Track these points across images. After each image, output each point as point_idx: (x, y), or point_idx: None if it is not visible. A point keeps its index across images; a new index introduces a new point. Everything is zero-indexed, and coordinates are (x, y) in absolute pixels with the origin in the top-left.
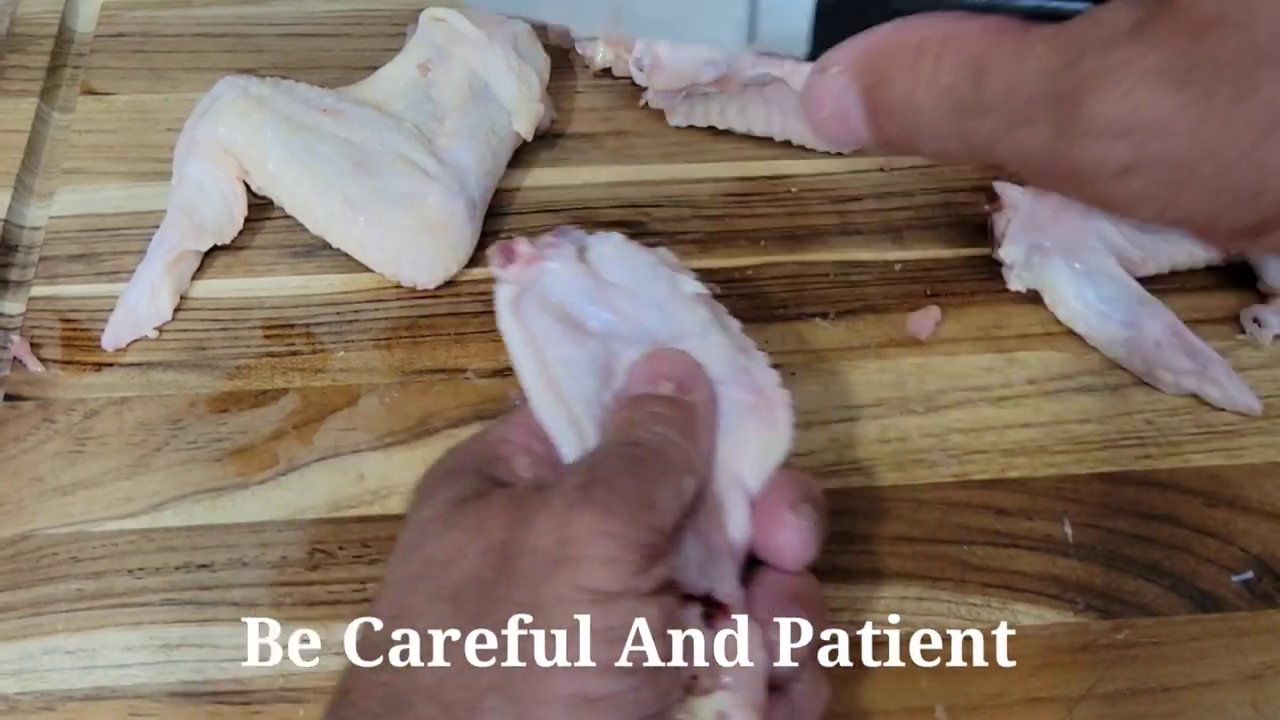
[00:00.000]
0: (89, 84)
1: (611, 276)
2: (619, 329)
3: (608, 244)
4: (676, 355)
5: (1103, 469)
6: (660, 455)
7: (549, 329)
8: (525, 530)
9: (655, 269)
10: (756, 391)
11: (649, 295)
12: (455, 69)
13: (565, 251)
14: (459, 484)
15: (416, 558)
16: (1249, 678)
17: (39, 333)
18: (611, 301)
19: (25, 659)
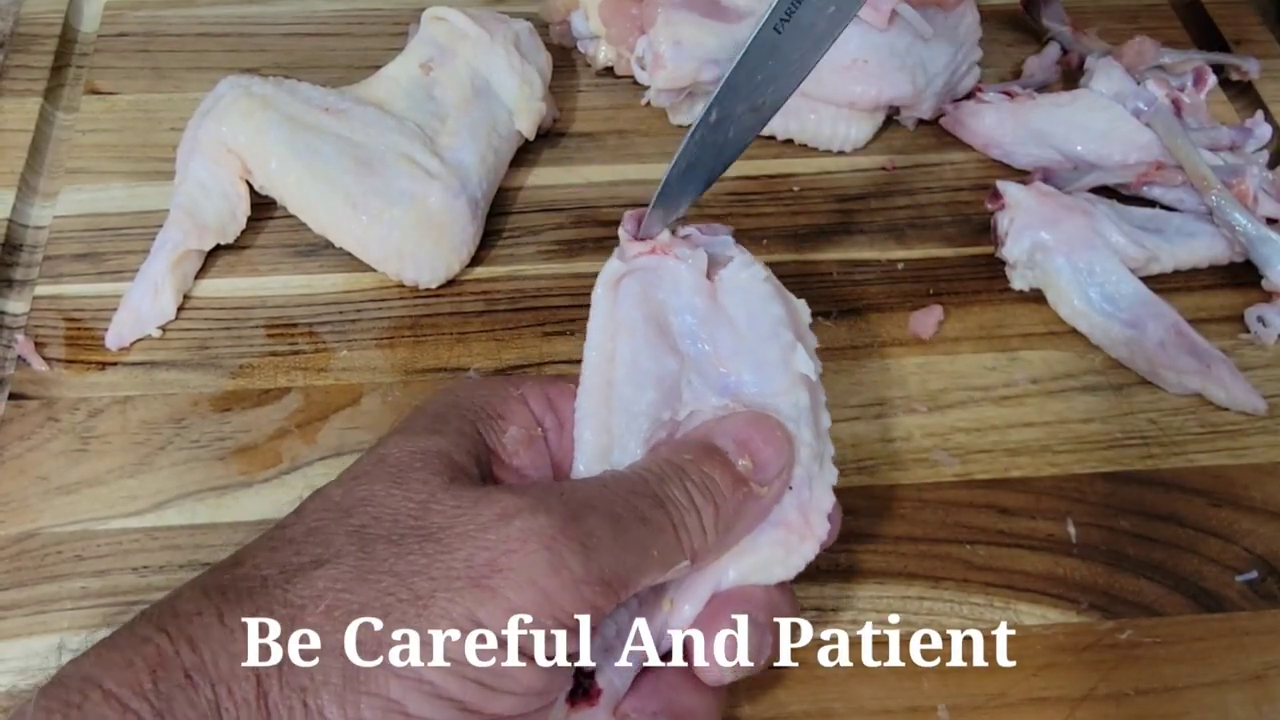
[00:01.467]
0: (93, 84)
1: (730, 306)
2: (705, 364)
3: (745, 271)
4: (782, 438)
5: (1106, 469)
6: (673, 530)
7: (635, 325)
8: (472, 515)
9: (778, 326)
10: (802, 511)
11: (756, 349)
12: (457, 68)
13: (697, 259)
14: (445, 429)
15: (359, 490)
16: (1252, 678)
17: (43, 332)
18: (715, 333)
19: (31, 656)
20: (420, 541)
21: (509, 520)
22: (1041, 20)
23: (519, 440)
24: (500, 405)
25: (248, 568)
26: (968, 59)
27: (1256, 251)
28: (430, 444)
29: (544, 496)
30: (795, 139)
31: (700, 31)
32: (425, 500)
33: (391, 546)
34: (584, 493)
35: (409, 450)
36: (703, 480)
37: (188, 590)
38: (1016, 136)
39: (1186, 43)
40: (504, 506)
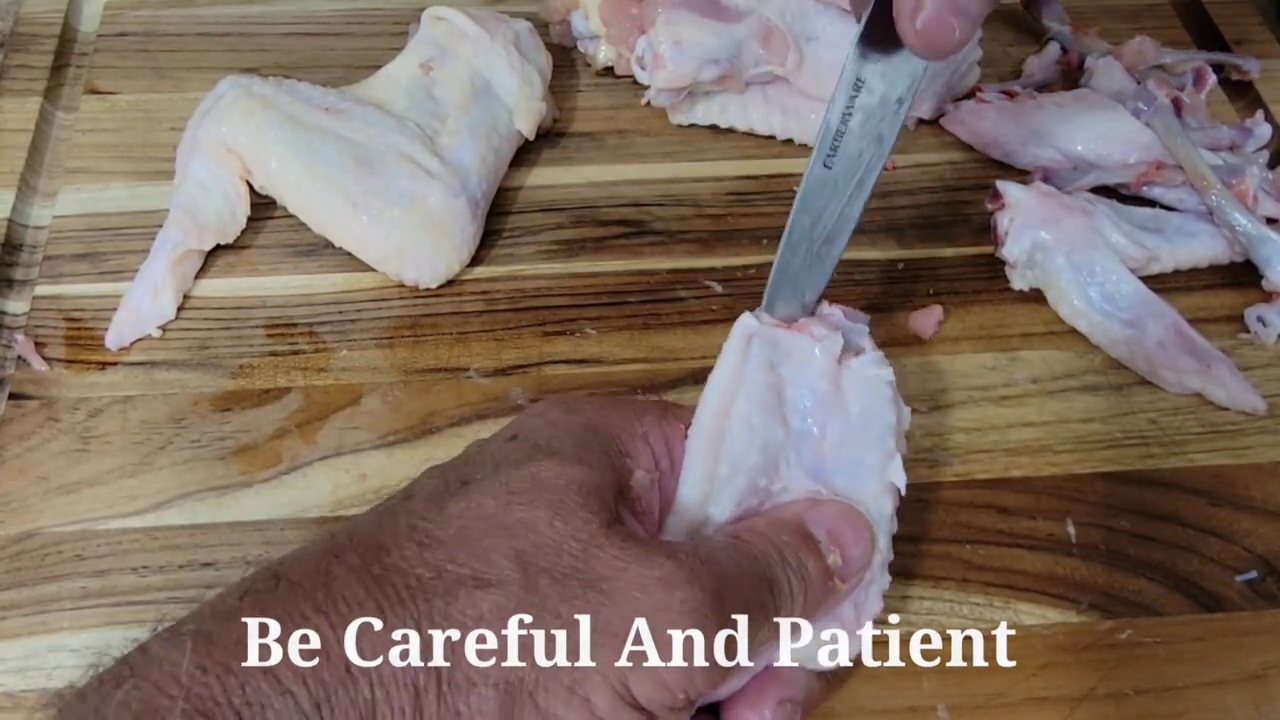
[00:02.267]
0: (92, 83)
1: (849, 398)
2: (806, 445)
3: (874, 370)
4: (870, 539)
5: (1106, 468)
6: (774, 613)
7: (756, 387)
8: (636, 572)
9: (886, 433)
10: (856, 610)
11: (860, 448)
12: (457, 68)
13: (832, 342)
14: (592, 460)
15: (517, 510)
16: (1252, 678)
17: (43, 332)
18: (827, 419)
19: (30, 656)
20: (584, 587)
21: (671, 590)
22: (1042, 20)
23: (644, 485)
24: (630, 441)
25: (396, 558)
26: (968, 58)
27: (1256, 251)
28: (585, 477)
29: (698, 567)
30: (795, 139)
31: (700, 31)
32: (587, 542)
33: (555, 584)
34: (723, 567)
35: (566, 479)
36: (799, 567)
37: (337, 568)
38: (1017, 136)
39: (1187, 43)
40: (665, 572)
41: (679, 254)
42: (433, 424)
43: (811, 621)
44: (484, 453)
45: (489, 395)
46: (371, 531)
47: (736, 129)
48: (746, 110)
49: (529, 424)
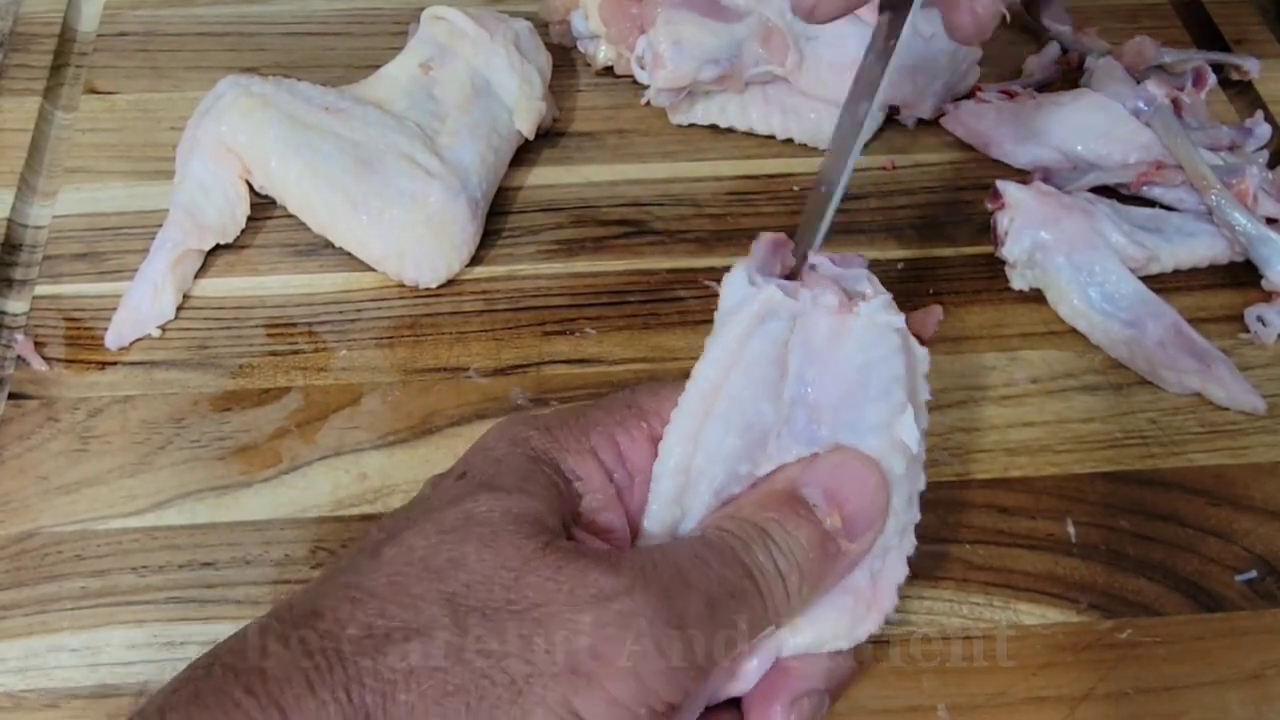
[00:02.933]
0: (92, 83)
1: (850, 351)
2: (799, 414)
3: (883, 316)
4: (876, 485)
5: (1106, 468)
6: (760, 600)
7: (756, 362)
8: (568, 592)
9: (893, 385)
10: (873, 579)
11: (861, 406)
12: (457, 67)
13: (827, 294)
14: (532, 488)
15: (446, 549)
16: (1252, 677)
17: (43, 331)
18: (823, 378)
19: (30, 656)
20: (515, 619)
21: (607, 603)
22: (1042, 20)
23: (596, 507)
24: (577, 462)
25: (329, 622)
26: (968, 58)
27: (1256, 251)
28: (522, 505)
29: (639, 575)
30: (795, 138)
31: (700, 31)
32: (519, 569)
33: (485, 621)
34: (676, 567)
35: (500, 509)
36: (787, 544)
37: (271, 643)
38: (1016, 136)
39: (1186, 42)
40: (601, 587)
41: (679, 254)
42: (432, 424)
43: (820, 595)
44: (434, 494)
45: (489, 395)
46: (312, 597)
47: (736, 129)
48: (746, 110)
49: (475, 459)
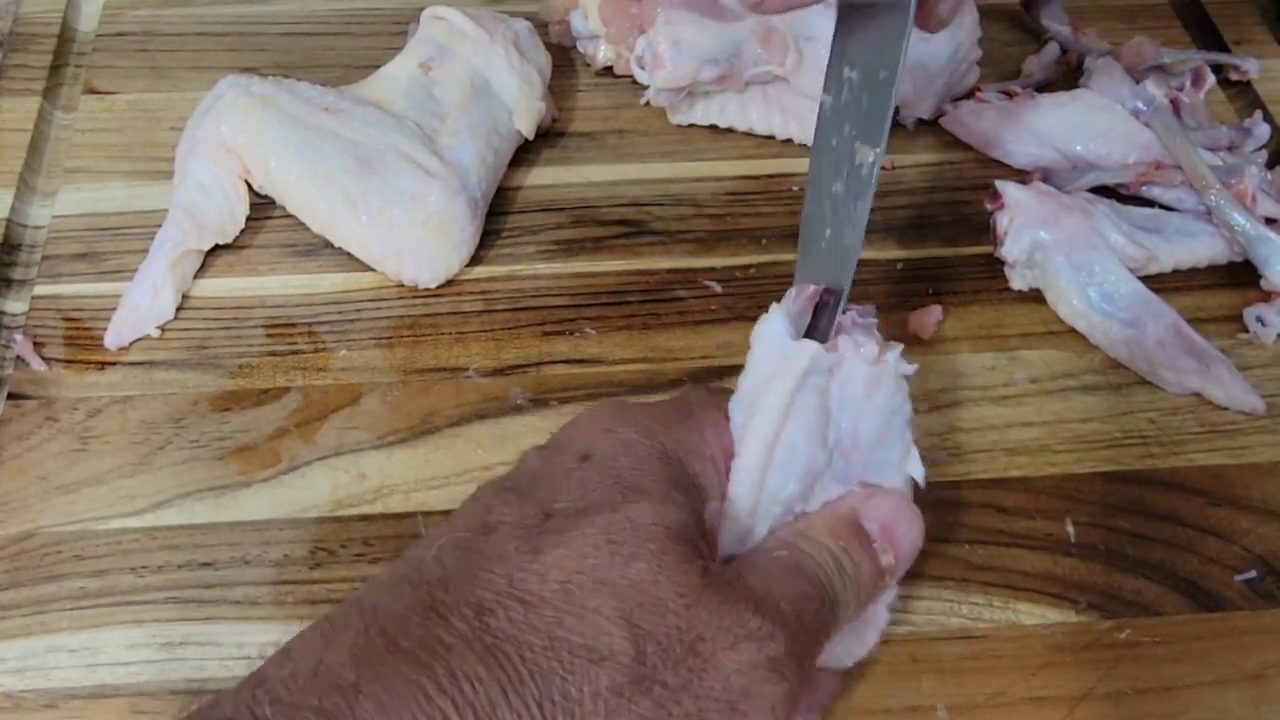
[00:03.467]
0: (91, 83)
1: (876, 400)
2: (839, 457)
3: (900, 366)
4: (919, 531)
5: (1105, 468)
6: (834, 626)
7: (806, 413)
8: (727, 628)
9: (905, 426)
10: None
11: (885, 446)
12: (457, 67)
13: (868, 349)
14: (678, 497)
15: (619, 564)
16: (1251, 677)
17: (42, 331)
18: (859, 425)
19: (29, 656)
20: (688, 653)
21: (760, 646)
22: (1041, 20)
23: (716, 515)
24: (701, 468)
25: (503, 621)
26: (967, 58)
27: (1255, 251)
28: (679, 520)
29: (778, 615)
30: (795, 139)
31: (700, 31)
32: (690, 599)
33: (661, 651)
34: (798, 605)
35: (663, 524)
36: (854, 573)
37: (448, 636)
38: (1016, 136)
39: (1186, 43)
40: (752, 628)
41: (678, 254)
42: (432, 424)
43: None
44: (554, 474)
45: (488, 395)
46: (464, 580)
47: (736, 129)
48: (746, 110)
49: (600, 443)
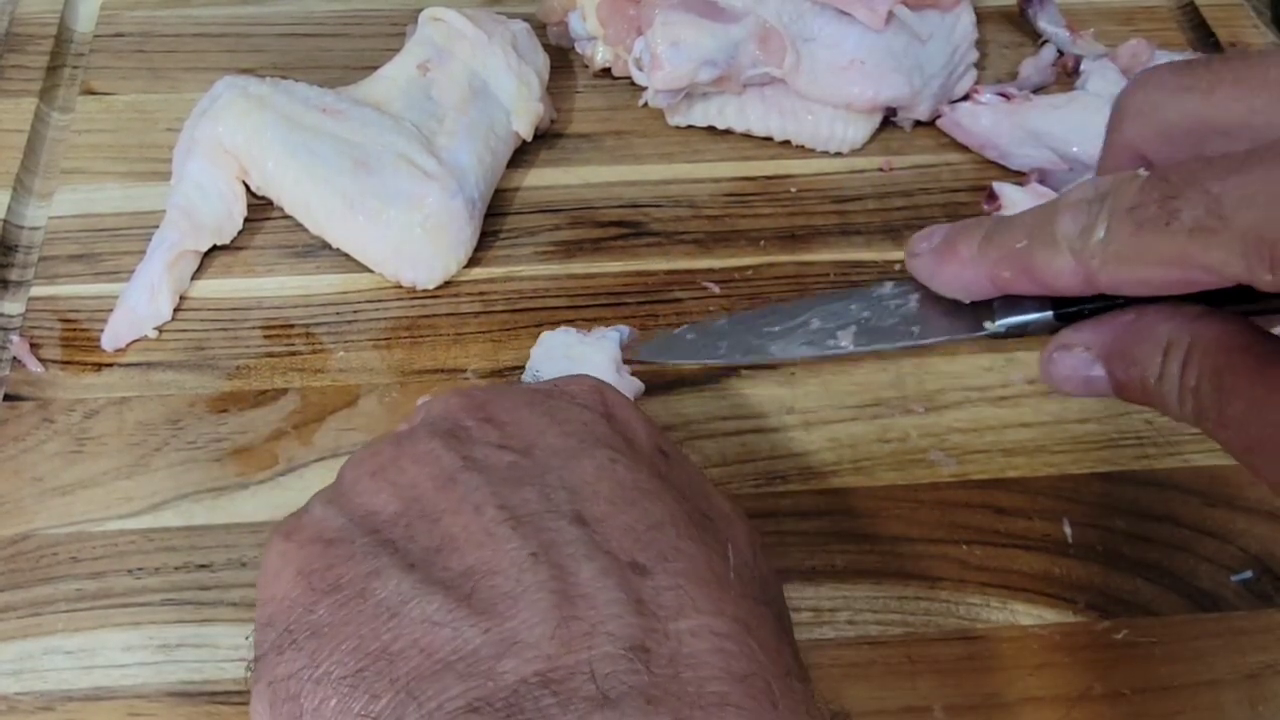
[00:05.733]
0: (88, 84)
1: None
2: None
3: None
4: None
5: (1102, 469)
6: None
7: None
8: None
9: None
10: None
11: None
12: (455, 68)
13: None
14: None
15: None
16: (1248, 677)
17: (39, 333)
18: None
19: (25, 659)
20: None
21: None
22: (1037, 22)
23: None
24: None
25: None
26: (964, 60)
27: None
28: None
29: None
30: (792, 140)
31: (698, 32)
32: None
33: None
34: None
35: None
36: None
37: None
38: (1013, 138)
39: (1182, 44)
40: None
41: (676, 255)
42: None
43: None
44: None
45: None
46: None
47: (734, 130)
48: (744, 111)
49: (632, 420)
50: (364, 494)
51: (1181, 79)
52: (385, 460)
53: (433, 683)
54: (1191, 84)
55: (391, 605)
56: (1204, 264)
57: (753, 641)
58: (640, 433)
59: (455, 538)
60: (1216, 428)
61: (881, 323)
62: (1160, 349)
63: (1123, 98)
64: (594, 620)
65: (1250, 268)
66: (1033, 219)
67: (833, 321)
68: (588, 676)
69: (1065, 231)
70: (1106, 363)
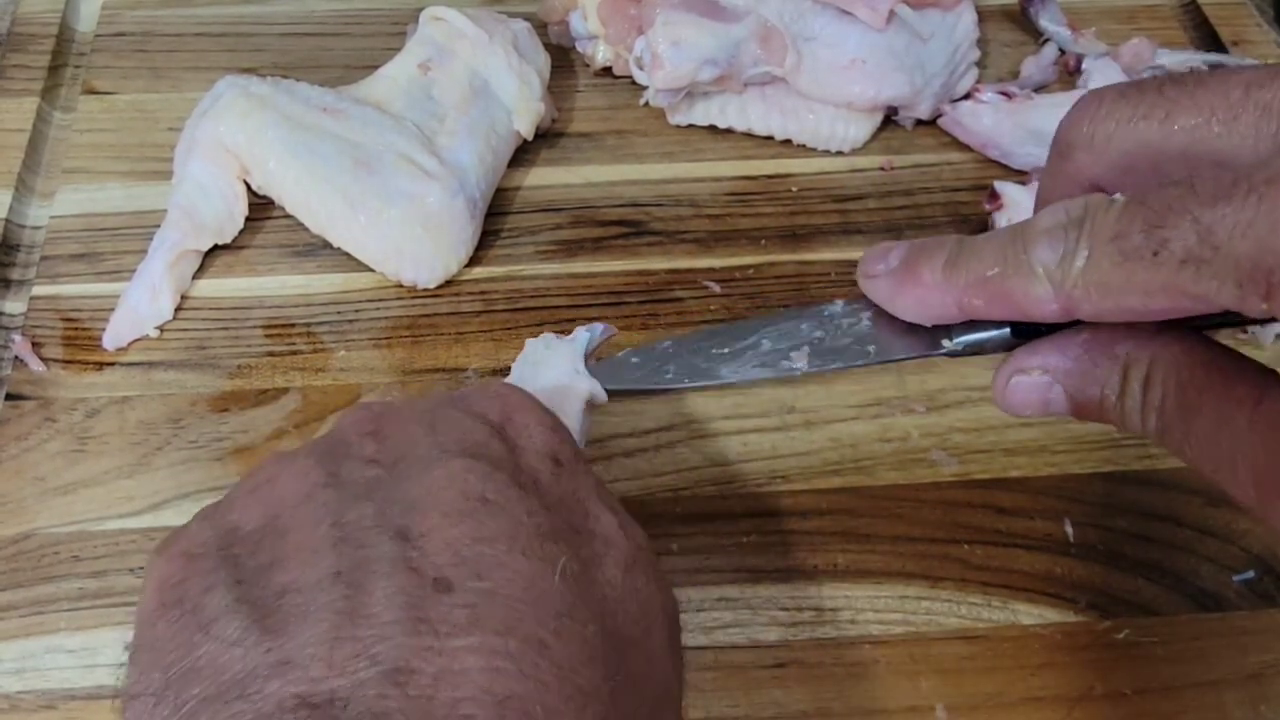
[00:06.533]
0: (90, 83)
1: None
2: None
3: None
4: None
5: (1104, 468)
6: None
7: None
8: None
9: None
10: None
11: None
12: (456, 68)
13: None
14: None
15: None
16: (1250, 677)
17: (40, 332)
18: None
19: (27, 657)
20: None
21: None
22: (1039, 21)
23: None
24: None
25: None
26: (965, 59)
27: None
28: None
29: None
30: (794, 139)
31: (698, 32)
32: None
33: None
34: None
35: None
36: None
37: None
38: (1014, 137)
39: (1184, 43)
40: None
41: (677, 254)
42: None
43: None
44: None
45: None
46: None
47: (735, 129)
48: (745, 111)
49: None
50: (237, 510)
51: (1135, 107)
52: (265, 477)
53: (212, 704)
54: (1146, 112)
55: (205, 623)
56: (1195, 293)
57: (543, 662)
58: (534, 440)
59: (286, 555)
60: (1181, 444)
61: (836, 342)
62: (1120, 367)
63: (1068, 128)
64: (367, 641)
65: (1244, 296)
66: (1003, 245)
67: (785, 342)
68: (344, 701)
69: (1042, 260)
70: (1064, 383)
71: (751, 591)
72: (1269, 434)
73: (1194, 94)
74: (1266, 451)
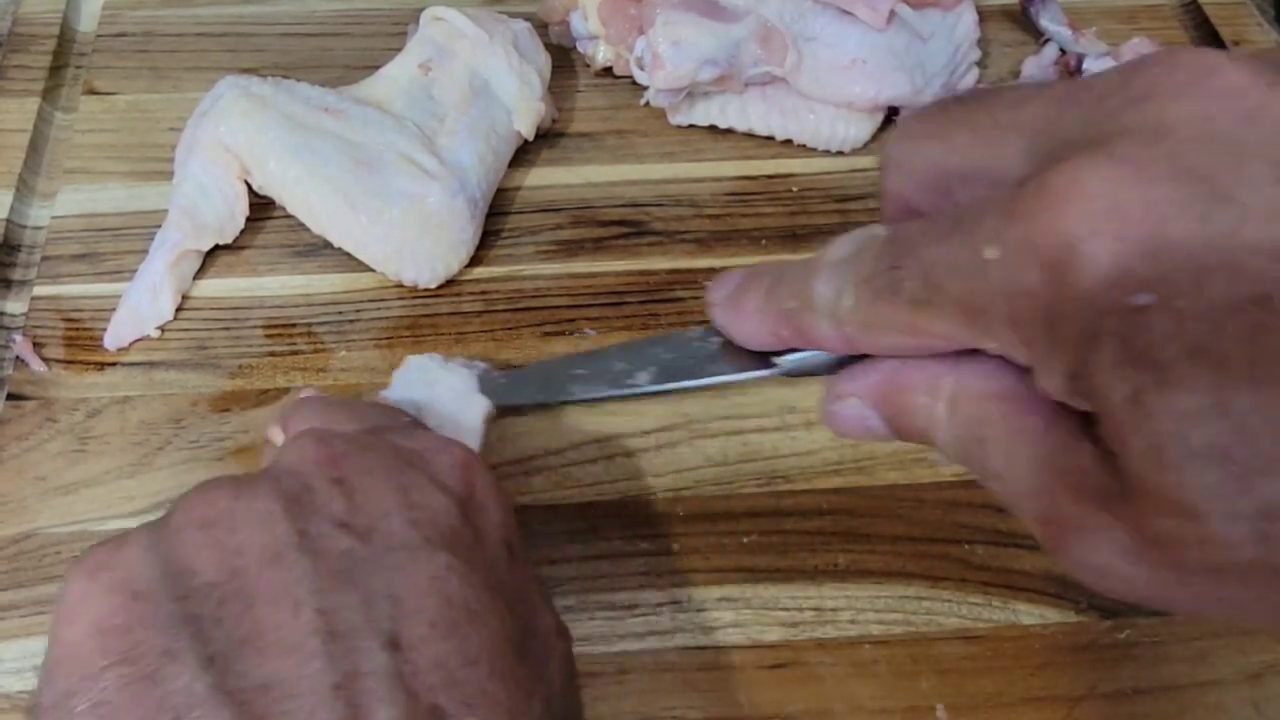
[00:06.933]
0: (91, 83)
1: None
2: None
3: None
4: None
5: None
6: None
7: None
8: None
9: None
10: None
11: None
12: (456, 68)
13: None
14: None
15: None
16: (1250, 677)
17: (41, 332)
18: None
19: (27, 658)
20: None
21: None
22: (1039, 21)
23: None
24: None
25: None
26: (966, 59)
27: None
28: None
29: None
30: (794, 139)
31: (699, 31)
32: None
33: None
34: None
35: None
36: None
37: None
38: None
39: (1185, 43)
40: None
41: (678, 254)
42: None
43: None
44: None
45: None
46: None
47: (735, 129)
48: (745, 111)
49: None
50: (187, 546)
51: (925, 125)
52: (219, 512)
53: None
54: (933, 131)
55: (177, 707)
56: (936, 333)
57: None
58: (493, 521)
59: (264, 635)
60: (982, 479)
61: (680, 363)
62: (924, 396)
63: (885, 146)
64: None
65: (975, 337)
66: (798, 278)
67: (635, 363)
68: None
69: (821, 295)
70: (879, 409)
71: (752, 591)
72: (1043, 471)
73: (971, 114)
74: (1048, 492)
